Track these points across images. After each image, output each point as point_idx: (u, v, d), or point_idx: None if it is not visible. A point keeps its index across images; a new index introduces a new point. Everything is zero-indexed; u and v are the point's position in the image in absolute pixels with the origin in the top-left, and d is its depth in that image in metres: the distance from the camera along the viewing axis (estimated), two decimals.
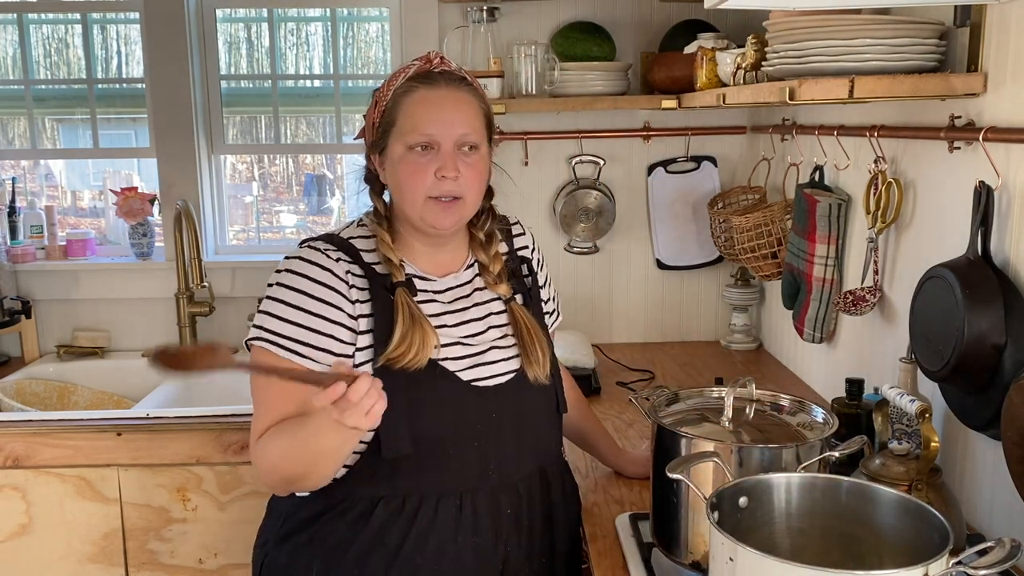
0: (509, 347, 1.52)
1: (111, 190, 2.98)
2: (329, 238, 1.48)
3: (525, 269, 1.61)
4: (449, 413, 1.44)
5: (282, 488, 1.44)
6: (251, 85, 3.08)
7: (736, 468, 1.28)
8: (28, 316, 2.80)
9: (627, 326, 2.90)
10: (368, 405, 1.20)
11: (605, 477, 1.79)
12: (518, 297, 1.57)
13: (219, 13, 2.90)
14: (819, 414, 1.41)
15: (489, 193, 1.56)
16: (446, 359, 1.45)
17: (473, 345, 1.48)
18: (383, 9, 2.94)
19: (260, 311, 1.43)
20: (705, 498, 1.11)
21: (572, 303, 2.89)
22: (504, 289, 1.54)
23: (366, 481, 1.43)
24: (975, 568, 0.95)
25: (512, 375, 1.50)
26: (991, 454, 1.48)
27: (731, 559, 1.00)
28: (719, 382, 1.88)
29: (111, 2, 2.93)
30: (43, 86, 3.01)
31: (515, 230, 1.66)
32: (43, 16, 3.00)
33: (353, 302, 1.42)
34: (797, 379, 2.43)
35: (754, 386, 1.46)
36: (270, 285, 1.44)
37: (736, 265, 2.74)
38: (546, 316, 1.65)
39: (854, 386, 1.73)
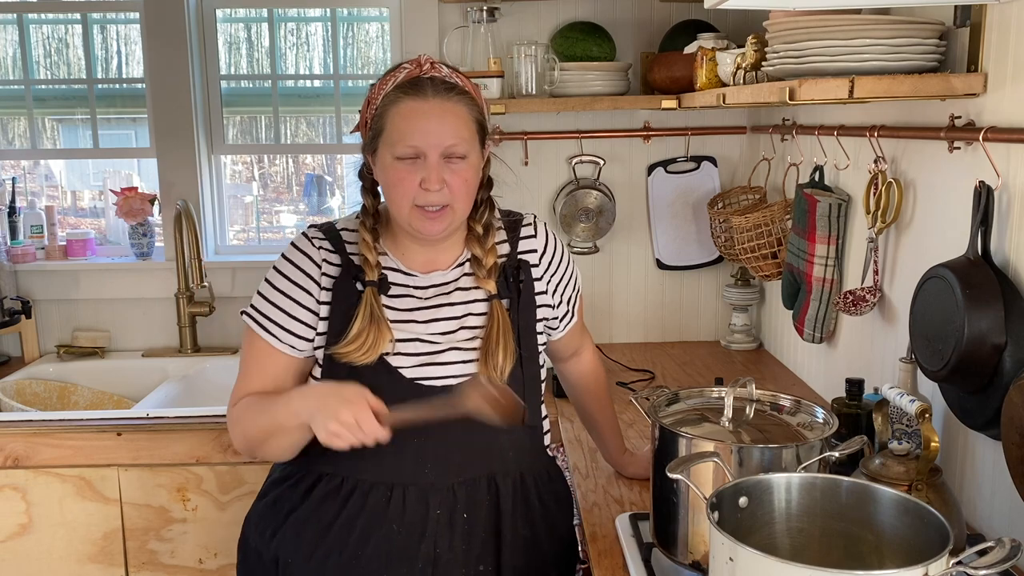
0: (472, 350, 1.51)
1: (111, 190, 2.99)
2: (323, 226, 1.56)
3: (522, 274, 1.58)
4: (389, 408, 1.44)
5: (246, 453, 1.56)
6: (251, 85, 3.08)
7: (736, 468, 1.28)
8: (28, 316, 2.80)
9: (627, 326, 2.90)
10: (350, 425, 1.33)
11: (605, 477, 1.80)
12: (505, 302, 1.55)
13: (219, 13, 2.90)
14: (819, 414, 1.40)
15: (489, 184, 1.56)
16: (397, 354, 1.48)
17: (433, 343, 1.50)
18: (383, 9, 2.94)
19: (258, 289, 1.56)
20: (705, 498, 1.11)
21: None
22: (491, 286, 1.53)
23: (316, 457, 1.49)
24: (975, 568, 0.95)
25: (466, 379, 1.47)
26: (991, 454, 1.48)
27: (731, 559, 1.00)
28: (719, 382, 1.88)
29: (111, 2, 2.93)
30: (43, 86, 3.01)
31: (525, 231, 1.62)
32: (43, 16, 3.00)
33: (321, 289, 1.50)
34: (797, 379, 2.43)
35: (754, 386, 1.45)
36: (273, 264, 1.56)
37: (736, 265, 2.74)
38: (551, 320, 1.64)
39: (854, 386, 1.73)
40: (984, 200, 1.43)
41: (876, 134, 1.81)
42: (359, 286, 1.48)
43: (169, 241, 2.88)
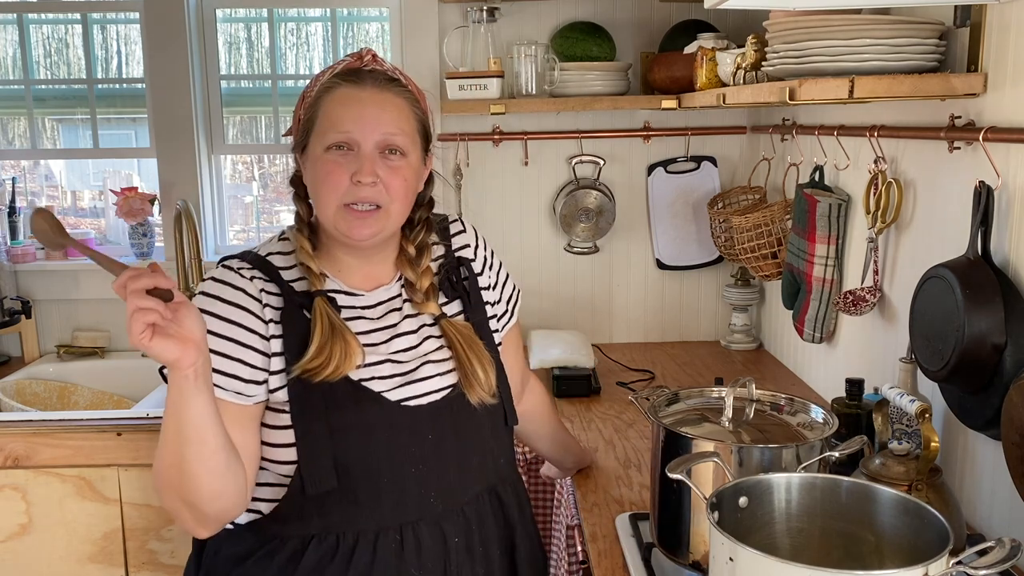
0: (445, 360, 1.39)
1: (111, 190, 2.99)
2: (244, 255, 1.37)
3: (464, 271, 1.47)
4: (378, 439, 1.31)
5: (176, 508, 1.23)
6: (251, 85, 3.08)
7: (736, 468, 1.28)
8: (28, 316, 2.80)
9: (627, 326, 2.90)
10: (132, 305, 1.06)
11: (605, 477, 1.80)
12: (454, 305, 1.44)
13: (219, 13, 2.90)
14: (819, 414, 1.41)
15: (429, 204, 1.45)
16: (372, 379, 1.32)
17: (404, 362, 1.36)
18: (383, 9, 2.94)
19: None
20: (705, 498, 1.11)
21: (572, 303, 2.89)
22: (433, 308, 1.40)
23: (295, 518, 1.30)
24: (975, 568, 0.95)
25: (448, 390, 1.37)
26: (991, 454, 1.48)
27: (731, 559, 1.00)
28: (719, 382, 1.88)
29: (111, 2, 2.93)
30: (43, 86, 3.01)
31: (453, 228, 1.51)
32: (43, 16, 3.00)
33: (267, 322, 1.30)
34: (797, 379, 2.43)
35: (754, 386, 1.46)
36: None
37: (736, 265, 2.74)
38: (492, 319, 1.50)
39: (854, 386, 1.73)
40: (984, 200, 1.43)
41: (876, 134, 1.81)
42: (307, 313, 1.31)
43: (169, 241, 2.88)
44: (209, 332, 1.24)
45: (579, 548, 1.70)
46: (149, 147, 2.91)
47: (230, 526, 1.35)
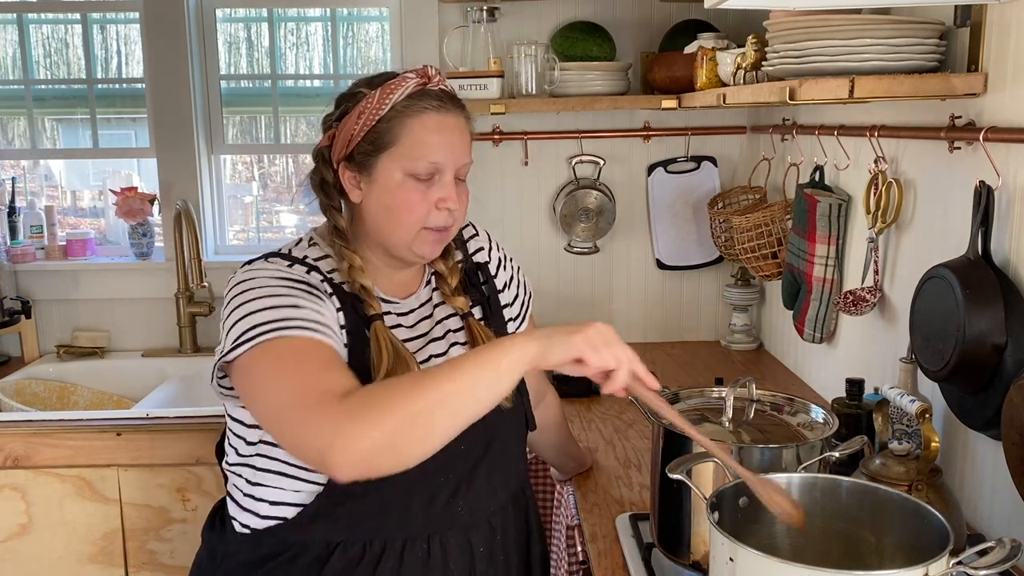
0: None
1: (111, 190, 2.98)
2: (287, 256, 1.34)
3: (481, 276, 1.50)
4: None
5: (382, 442, 1.07)
6: (251, 85, 3.08)
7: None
8: (28, 316, 2.80)
9: (627, 326, 2.90)
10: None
11: (605, 477, 1.80)
12: (476, 311, 1.46)
13: (219, 13, 2.90)
14: (819, 414, 1.41)
15: None
16: None
17: None
18: (383, 9, 2.94)
19: (238, 319, 1.24)
20: (705, 498, 1.11)
21: (572, 303, 2.89)
22: (461, 302, 1.43)
23: (321, 523, 1.30)
24: (975, 568, 0.95)
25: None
26: (991, 454, 1.48)
27: (731, 559, 1.00)
28: (719, 382, 1.88)
29: (111, 2, 2.93)
30: (43, 86, 3.01)
31: (466, 232, 1.53)
32: (43, 16, 3.00)
33: (337, 310, 1.30)
34: (797, 379, 2.43)
35: (754, 386, 1.46)
36: (234, 296, 1.27)
37: (736, 265, 2.74)
38: (510, 323, 1.52)
39: (854, 386, 1.73)
40: (984, 200, 1.43)
41: (876, 134, 1.81)
42: (359, 316, 1.32)
43: (169, 241, 2.88)
44: (294, 307, 1.20)
45: (579, 548, 1.70)
46: (149, 147, 2.91)
47: (246, 530, 1.33)
